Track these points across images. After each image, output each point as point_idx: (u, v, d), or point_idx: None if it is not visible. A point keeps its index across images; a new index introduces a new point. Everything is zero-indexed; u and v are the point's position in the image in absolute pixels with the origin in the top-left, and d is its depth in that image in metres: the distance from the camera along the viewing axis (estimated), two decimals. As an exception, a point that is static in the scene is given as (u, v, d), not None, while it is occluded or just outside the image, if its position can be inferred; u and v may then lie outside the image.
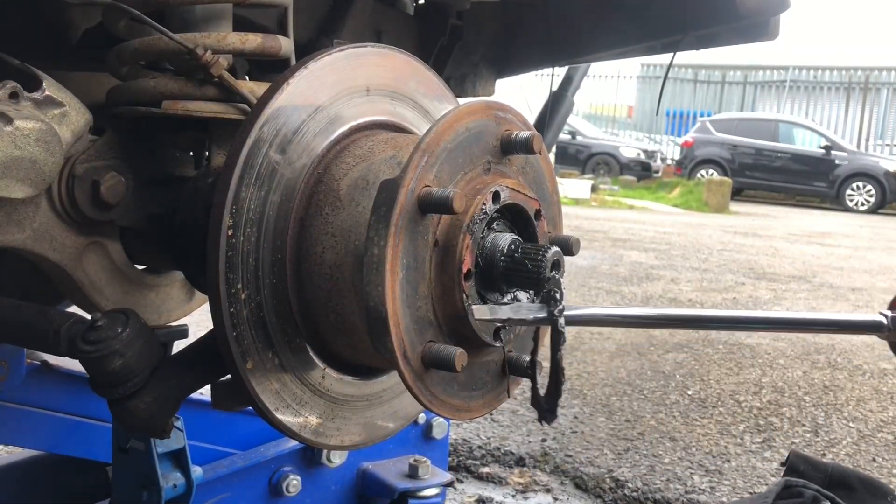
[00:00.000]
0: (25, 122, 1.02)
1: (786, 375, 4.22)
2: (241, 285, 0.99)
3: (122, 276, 1.29)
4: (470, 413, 1.04)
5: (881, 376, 4.32)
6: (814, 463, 2.10)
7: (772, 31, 1.93)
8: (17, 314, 1.10)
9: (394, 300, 0.90)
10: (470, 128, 0.99)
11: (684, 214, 15.31)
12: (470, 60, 2.13)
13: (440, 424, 2.05)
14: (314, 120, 1.05)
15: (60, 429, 1.76)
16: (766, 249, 9.93)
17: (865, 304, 6.48)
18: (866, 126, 26.15)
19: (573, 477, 2.79)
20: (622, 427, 3.28)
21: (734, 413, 3.54)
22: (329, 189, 1.05)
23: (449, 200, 0.90)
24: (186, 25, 1.19)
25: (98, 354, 1.01)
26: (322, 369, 1.09)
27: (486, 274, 0.99)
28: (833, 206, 20.02)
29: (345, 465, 1.89)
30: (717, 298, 6.35)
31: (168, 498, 1.41)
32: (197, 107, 1.15)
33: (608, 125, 29.09)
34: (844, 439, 3.30)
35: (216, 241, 0.97)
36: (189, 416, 1.57)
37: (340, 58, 1.08)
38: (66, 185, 1.17)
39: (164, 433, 1.10)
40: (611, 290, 6.42)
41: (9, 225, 1.11)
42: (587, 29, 2.08)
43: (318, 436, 1.11)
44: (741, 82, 28.73)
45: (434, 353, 0.94)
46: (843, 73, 27.35)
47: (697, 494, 2.68)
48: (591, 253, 8.42)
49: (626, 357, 4.38)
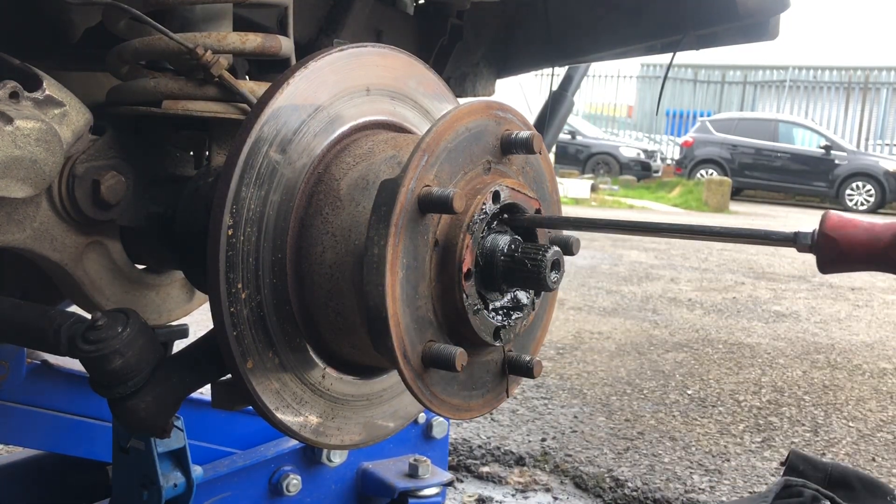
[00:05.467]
0: (26, 122, 1.02)
1: (785, 375, 4.22)
2: (242, 285, 0.99)
3: (123, 275, 1.29)
4: (470, 412, 1.04)
5: (881, 376, 4.32)
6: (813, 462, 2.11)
7: (772, 30, 1.93)
8: (18, 314, 1.10)
9: (394, 300, 0.90)
10: (470, 127, 0.99)
11: (684, 214, 15.31)
12: (470, 60, 2.13)
13: (440, 424, 2.06)
14: (314, 119, 1.05)
15: (60, 428, 1.76)
16: (766, 249, 9.93)
17: (865, 304, 6.48)
18: (866, 126, 26.15)
19: (573, 476, 2.79)
20: (622, 426, 3.28)
21: (734, 412, 3.54)
22: (329, 189, 1.05)
23: (449, 200, 0.90)
24: (187, 25, 1.19)
25: (98, 354, 1.01)
26: (322, 369, 1.09)
27: (486, 273, 0.99)
28: (833, 206, 20.01)
29: (345, 464, 1.89)
30: (716, 298, 6.35)
31: (168, 497, 1.41)
32: (197, 106, 1.15)
33: (608, 125, 29.08)
34: (844, 439, 3.30)
35: (216, 240, 0.97)
36: (189, 415, 1.57)
37: (341, 57, 1.08)
38: (66, 184, 1.17)
39: (165, 432, 1.10)
40: (610, 289, 6.43)
41: (9, 225, 1.12)
42: (587, 29, 2.09)
43: (319, 435, 1.11)
44: (741, 82, 28.73)
45: (434, 353, 0.94)
46: (842, 73, 27.35)
47: (697, 494, 2.68)
48: (591, 252, 8.42)
49: (625, 357, 4.38)
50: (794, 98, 27.73)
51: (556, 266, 0.99)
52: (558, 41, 2.11)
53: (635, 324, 5.23)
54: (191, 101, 1.15)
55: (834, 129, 25.60)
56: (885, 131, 26.20)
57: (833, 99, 27.26)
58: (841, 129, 26.18)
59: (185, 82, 1.16)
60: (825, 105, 27.32)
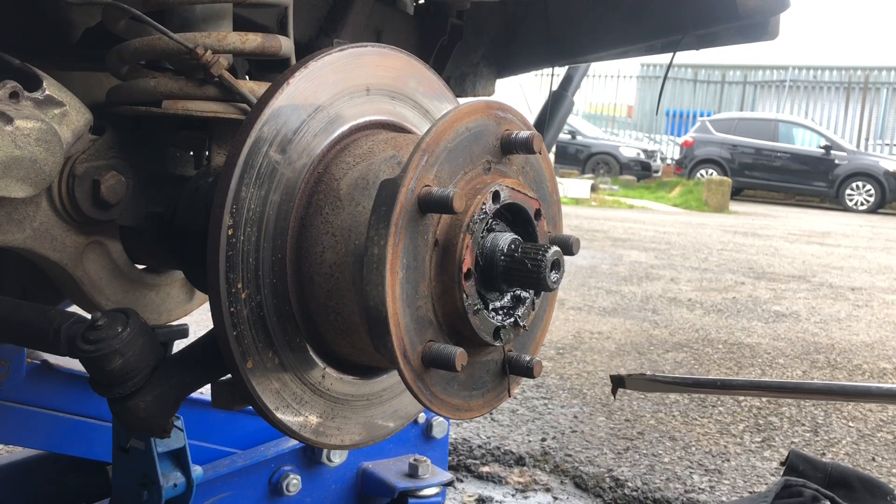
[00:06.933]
0: (26, 122, 1.02)
1: (785, 375, 4.22)
2: (242, 285, 0.99)
3: (123, 275, 1.29)
4: (470, 412, 1.04)
5: (881, 376, 4.32)
6: (813, 462, 2.11)
7: (772, 30, 1.93)
8: (17, 313, 1.10)
9: (394, 300, 0.90)
10: (470, 127, 0.99)
11: (684, 214, 15.31)
12: (470, 60, 2.13)
13: (440, 424, 2.06)
14: (314, 119, 1.05)
15: (60, 428, 1.76)
16: (766, 249, 9.94)
17: (865, 304, 6.48)
18: (866, 126, 26.15)
19: (573, 476, 2.79)
20: (622, 426, 3.28)
21: (734, 412, 3.54)
22: (329, 189, 1.05)
23: (449, 200, 0.90)
24: (186, 25, 1.19)
25: (98, 354, 1.01)
26: (322, 369, 1.09)
27: (486, 273, 0.99)
28: (833, 206, 20.03)
29: (345, 464, 1.89)
30: (716, 298, 6.35)
31: (168, 497, 1.41)
32: (197, 106, 1.15)
33: (608, 125, 29.08)
34: (844, 439, 3.30)
35: (216, 240, 0.97)
36: (189, 415, 1.57)
37: (340, 57, 1.08)
38: (66, 184, 1.17)
39: (165, 432, 1.10)
40: (611, 289, 6.43)
41: (9, 224, 1.12)
42: (587, 29, 2.08)
43: (319, 435, 1.11)
44: (741, 82, 28.73)
45: (434, 353, 0.94)
46: (842, 73, 27.34)
47: (697, 494, 2.68)
48: (591, 252, 8.42)
49: (626, 356, 4.38)
50: (794, 98, 27.73)
51: (557, 266, 0.99)
52: (558, 41, 2.10)
53: (635, 324, 5.23)
54: (191, 100, 1.15)
55: (834, 129, 25.60)
56: (885, 131, 26.20)
57: (833, 99, 27.25)
58: (841, 129, 26.18)
59: (184, 82, 1.16)
60: (825, 105, 27.32)
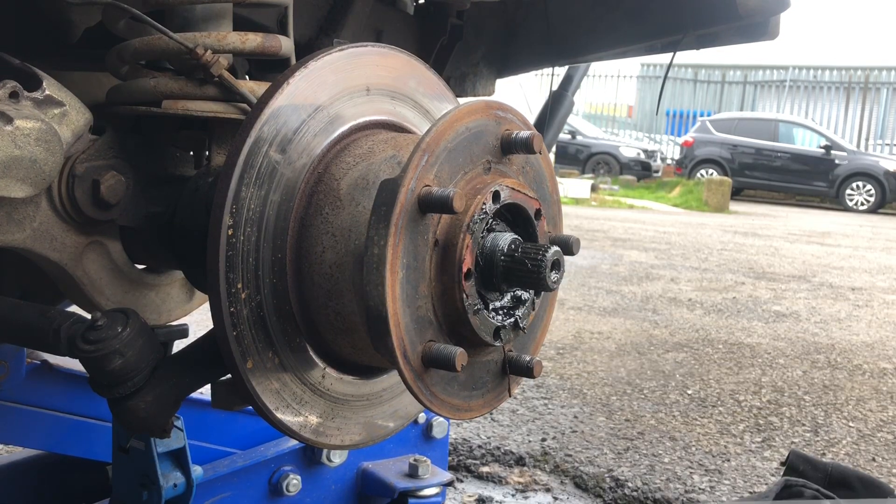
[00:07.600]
0: (25, 122, 1.02)
1: (786, 375, 4.22)
2: (242, 285, 0.99)
3: (123, 275, 1.29)
4: (470, 412, 1.04)
5: (881, 376, 4.32)
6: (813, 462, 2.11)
7: (772, 30, 1.93)
8: (17, 314, 1.10)
9: (394, 300, 0.90)
10: (470, 127, 0.99)
11: (684, 214, 15.31)
12: (470, 60, 2.13)
13: (440, 424, 2.06)
14: (314, 119, 1.05)
15: (60, 428, 1.76)
16: (766, 249, 9.94)
17: (865, 304, 6.48)
18: (866, 126, 26.15)
19: (573, 476, 2.79)
20: (622, 426, 3.28)
21: (734, 412, 3.54)
22: (329, 188, 1.05)
23: (449, 200, 0.90)
24: (186, 25, 1.19)
25: (98, 354, 1.01)
26: (322, 369, 1.09)
27: (486, 273, 0.99)
28: (833, 206, 20.02)
29: (345, 464, 1.89)
30: (716, 298, 6.35)
31: (168, 497, 1.41)
32: (197, 106, 1.15)
33: (608, 125, 29.08)
34: (844, 439, 3.30)
35: (216, 240, 0.97)
36: (189, 415, 1.57)
37: (340, 57, 1.08)
38: (66, 184, 1.17)
39: (165, 432, 1.10)
40: (611, 289, 6.42)
41: (9, 224, 1.11)
42: (587, 29, 2.08)
43: (319, 435, 1.11)
44: (741, 82, 28.73)
45: (434, 353, 0.94)
46: (842, 73, 27.34)
47: (697, 494, 2.68)
48: (591, 252, 8.42)
49: (625, 356, 4.38)
50: (794, 98, 27.73)
51: (557, 266, 0.99)
52: (558, 41, 2.10)
53: (635, 324, 5.23)
54: (191, 100, 1.15)
55: (834, 128, 25.59)
56: (885, 131, 26.19)
57: (833, 99, 27.25)
58: (841, 128, 26.17)
59: (184, 82, 1.16)
60: (825, 105, 27.32)
